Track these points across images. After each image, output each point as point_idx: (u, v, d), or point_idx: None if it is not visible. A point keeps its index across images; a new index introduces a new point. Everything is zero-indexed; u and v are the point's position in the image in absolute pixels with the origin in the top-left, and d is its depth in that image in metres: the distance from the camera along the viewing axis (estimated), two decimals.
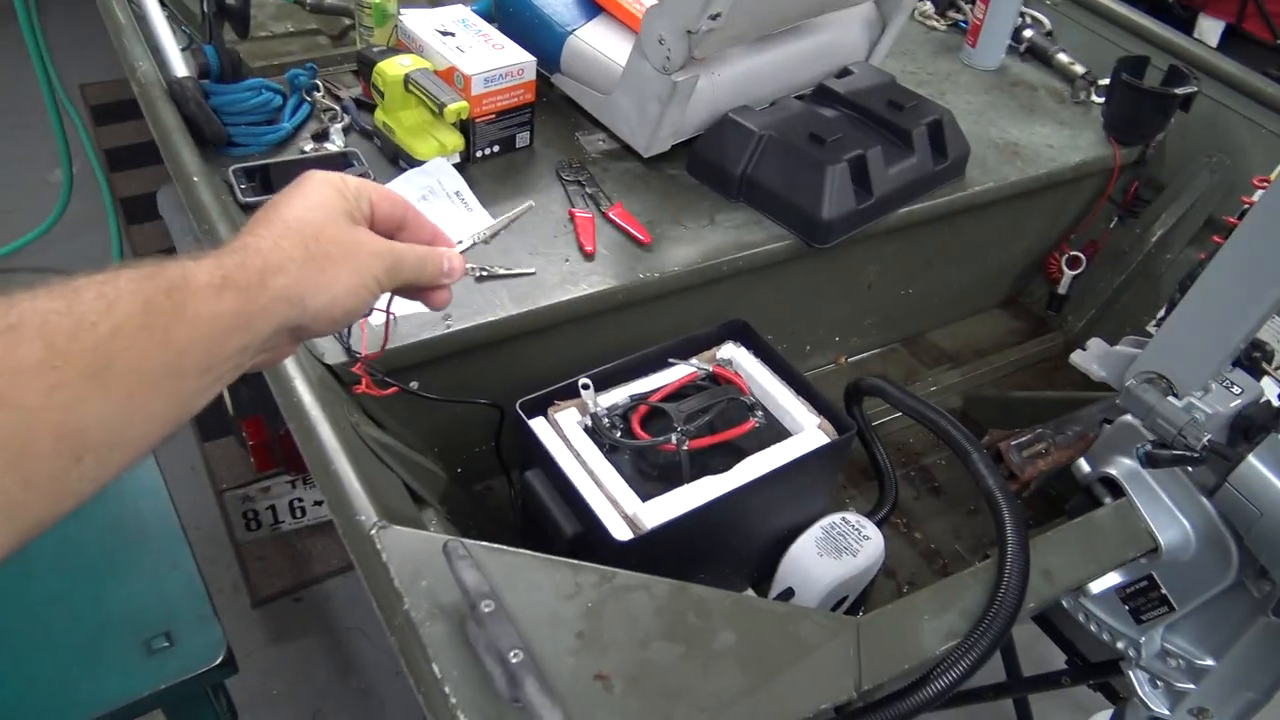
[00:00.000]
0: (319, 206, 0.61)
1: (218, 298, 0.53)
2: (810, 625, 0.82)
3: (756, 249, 1.33)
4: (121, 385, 0.46)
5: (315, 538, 2.06)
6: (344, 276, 0.61)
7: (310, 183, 0.63)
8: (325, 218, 0.61)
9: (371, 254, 0.63)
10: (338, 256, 0.60)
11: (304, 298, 0.58)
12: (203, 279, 0.52)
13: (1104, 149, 1.64)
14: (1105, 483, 1.07)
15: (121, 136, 3.12)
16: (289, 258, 0.58)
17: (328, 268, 0.60)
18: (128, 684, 1.16)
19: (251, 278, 0.55)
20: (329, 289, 0.60)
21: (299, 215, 0.60)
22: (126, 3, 1.47)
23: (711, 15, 1.20)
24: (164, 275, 0.50)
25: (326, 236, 0.60)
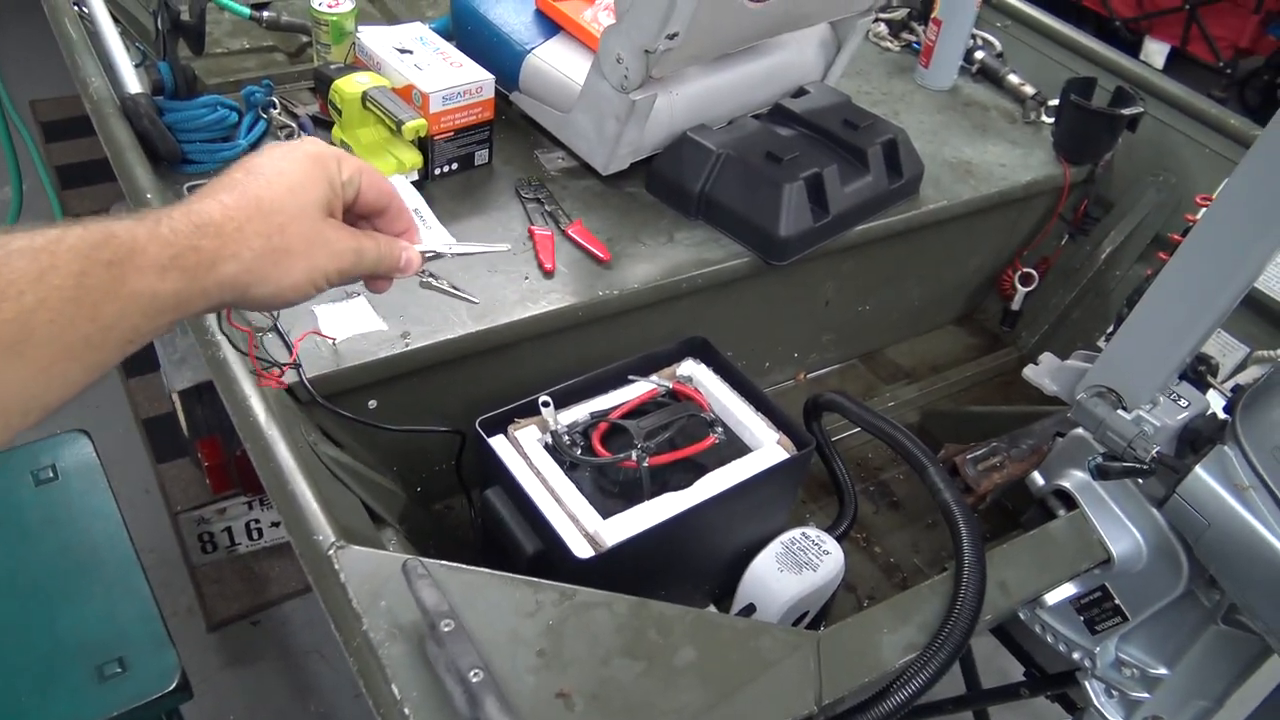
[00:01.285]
0: (298, 192, 0.60)
1: (160, 277, 0.52)
2: (771, 640, 0.82)
3: (715, 266, 1.34)
4: (39, 355, 0.46)
5: (273, 560, 2.03)
6: (296, 273, 0.60)
7: (300, 159, 0.61)
8: (300, 208, 0.60)
9: (331, 254, 0.62)
10: (298, 252, 0.60)
11: (250, 286, 0.58)
12: (151, 254, 0.51)
13: (1054, 168, 1.68)
14: (1058, 495, 1.09)
15: (73, 154, 3.07)
16: (247, 245, 0.57)
17: (283, 261, 0.59)
18: (80, 711, 1.14)
19: (202, 260, 0.54)
20: (277, 282, 0.59)
21: (275, 198, 0.59)
22: (79, 18, 1.46)
23: (669, 35, 1.21)
24: (109, 246, 0.49)
25: (293, 230, 0.59)
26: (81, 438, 1.45)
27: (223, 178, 0.59)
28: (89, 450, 1.44)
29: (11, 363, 0.44)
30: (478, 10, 1.51)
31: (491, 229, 1.34)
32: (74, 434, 1.46)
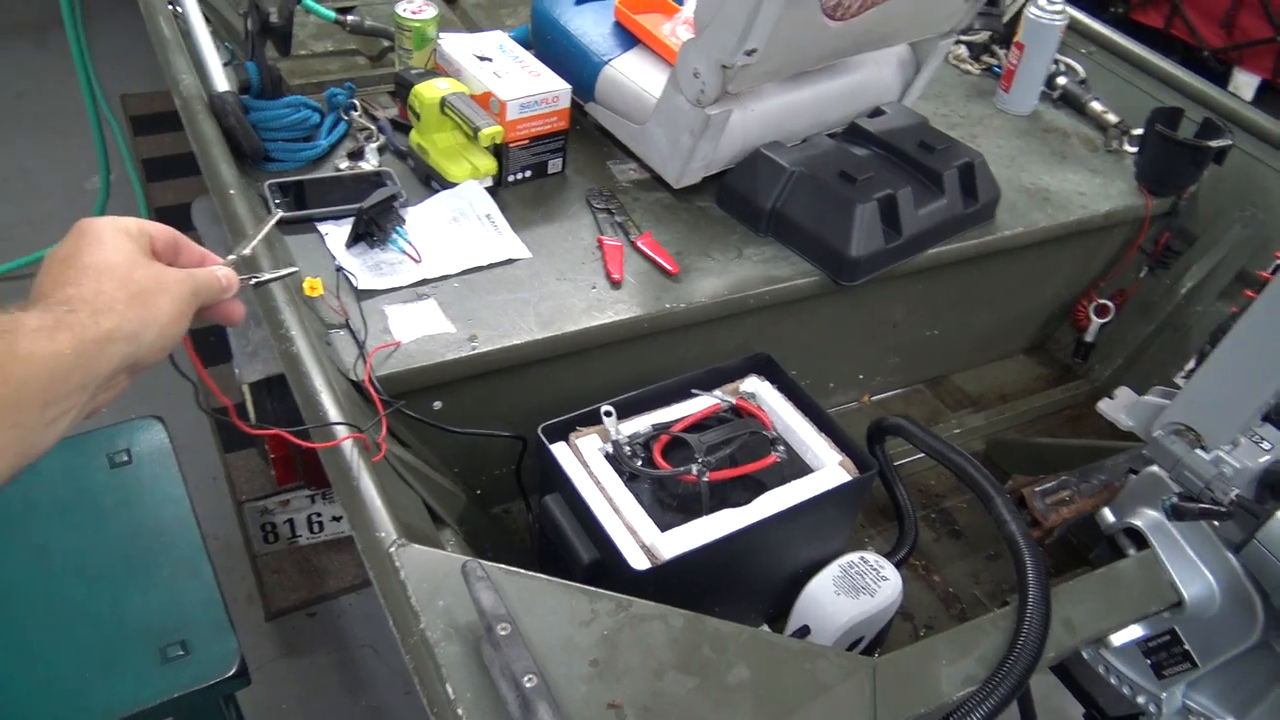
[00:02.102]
0: (118, 250, 0.64)
1: (51, 338, 0.56)
2: (827, 664, 0.81)
3: (783, 284, 1.34)
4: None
5: (331, 553, 2.06)
6: (165, 306, 0.65)
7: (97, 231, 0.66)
8: (128, 259, 0.65)
9: (177, 282, 0.67)
10: (154, 290, 0.64)
11: (137, 333, 0.62)
12: (33, 323, 0.56)
13: (1135, 198, 1.64)
14: (1129, 534, 1.06)
15: (159, 147, 3.16)
16: (114, 299, 0.61)
17: (149, 302, 0.64)
18: (142, 691, 1.16)
19: (84, 320, 0.59)
20: (156, 320, 0.64)
21: (106, 260, 0.63)
22: (172, 18, 1.50)
23: (747, 51, 1.21)
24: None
25: (138, 274, 0.64)
26: (155, 423, 1.49)
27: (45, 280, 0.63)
28: (162, 436, 1.47)
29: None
30: (558, 20, 1.53)
31: (561, 237, 1.35)
32: (149, 419, 1.50)
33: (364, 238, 1.24)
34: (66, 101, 3.17)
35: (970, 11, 1.48)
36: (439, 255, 1.25)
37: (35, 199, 2.95)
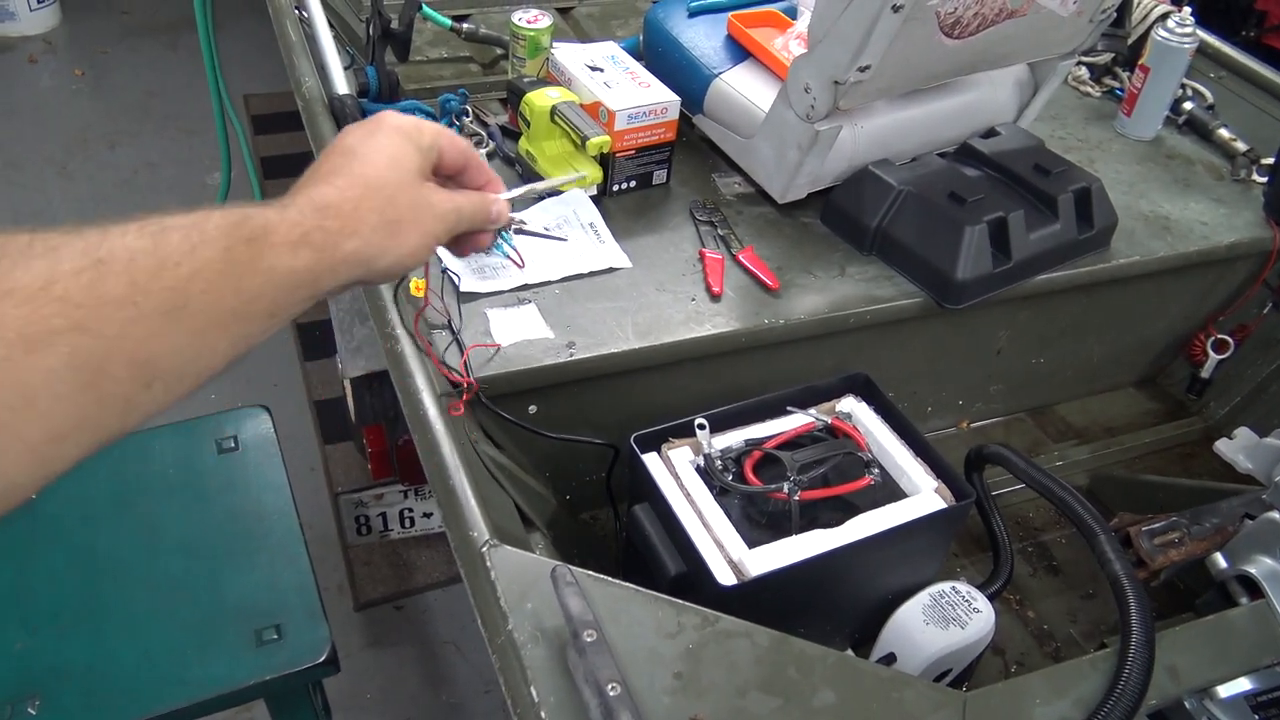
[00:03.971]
0: (395, 164, 0.64)
1: (293, 254, 0.56)
2: (915, 694, 0.80)
3: (885, 304, 1.32)
4: (193, 323, 0.49)
5: (421, 549, 2.10)
6: (412, 239, 0.64)
7: (387, 133, 0.65)
8: (400, 178, 0.64)
9: (436, 216, 0.67)
10: (409, 220, 0.64)
11: (373, 258, 0.61)
12: (283, 233, 0.56)
13: (1263, 230, 1.56)
14: (1242, 581, 1.02)
15: (277, 146, 3.28)
16: (364, 222, 0.61)
17: (398, 231, 0.63)
18: (235, 672, 1.20)
19: (328, 239, 0.58)
20: (396, 251, 0.63)
21: (378, 175, 0.63)
22: (299, 23, 1.56)
23: (860, 67, 1.19)
24: (248, 225, 0.54)
25: (401, 200, 0.63)
26: (262, 412, 1.54)
27: (324, 163, 0.63)
28: (268, 425, 1.52)
29: (171, 328, 0.48)
30: (669, 32, 1.54)
31: (663, 248, 1.35)
32: (256, 408, 1.55)
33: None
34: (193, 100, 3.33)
35: (1094, 32, 1.43)
36: (541, 262, 1.27)
37: (158, 193, 3.10)
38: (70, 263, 0.44)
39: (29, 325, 0.42)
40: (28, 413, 0.42)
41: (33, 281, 0.43)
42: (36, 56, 3.71)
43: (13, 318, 0.41)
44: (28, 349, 0.42)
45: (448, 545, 0.86)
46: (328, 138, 1.32)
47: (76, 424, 0.44)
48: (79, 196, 3.07)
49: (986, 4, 1.22)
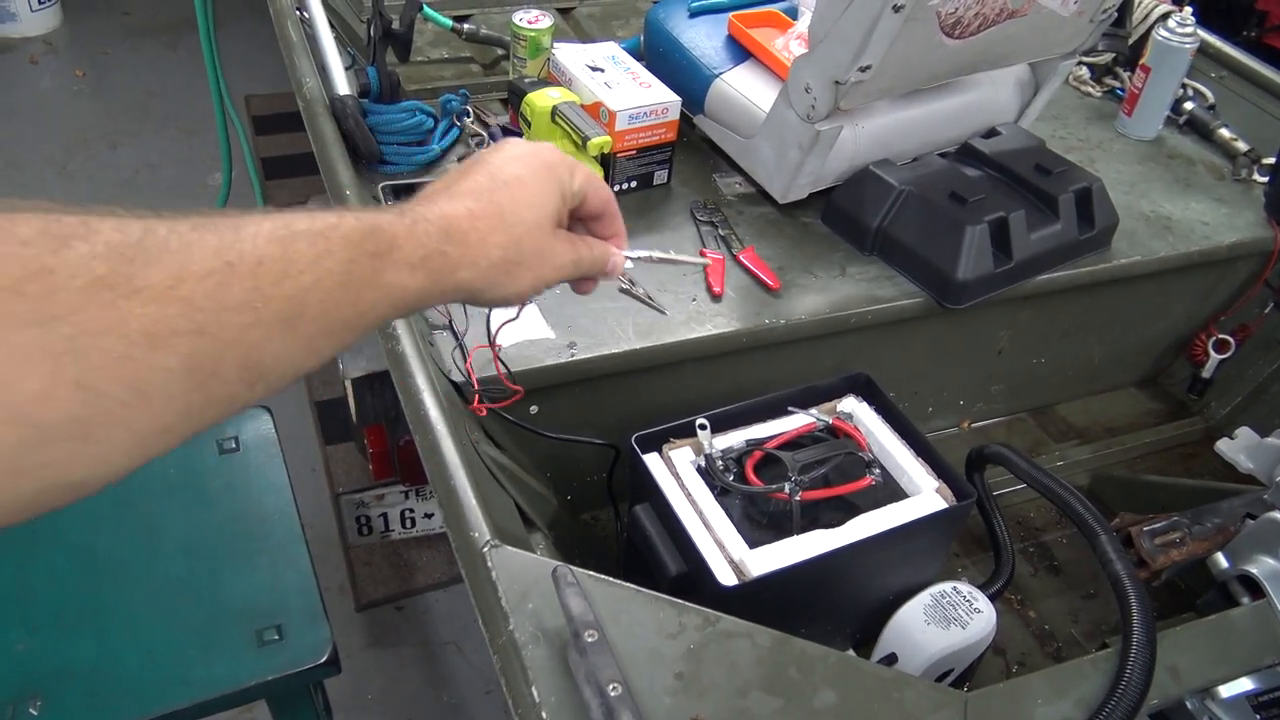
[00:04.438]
0: (534, 206, 0.64)
1: (411, 274, 0.56)
2: (916, 694, 0.79)
3: (886, 304, 1.32)
4: (306, 330, 0.50)
5: (421, 549, 2.10)
6: (524, 282, 0.64)
7: (540, 169, 0.65)
8: (535, 221, 0.64)
9: (554, 266, 0.67)
10: (528, 265, 0.64)
11: (481, 291, 0.62)
12: (406, 252, 0.56)
13: (1263, 230, 1.56)
14: (1243, 581, 1.01)
15: (278, 147, 3.28)
16: (485, 255, 0.61)
17: (514, 272, 0.63)
18: (237, 672, 1.20)
19: (446, 264, 0.58)
20: (505, 289, 0.63)
21: (515, 213, 0.63)
22: (300, 23, 1.56)
23: (861, 67, 1.19)
24: (375, 239, 0.54)
25: (527, 244, 0.63)
26: (263, 413, 1.54)
27: (467, 178, 0.63)
28: (269, 426, 1.52)
29: (284, 334, 0.49)
30: (670, 32, 1.54)
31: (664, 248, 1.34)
32: (257, 409, 1.55)
33: None
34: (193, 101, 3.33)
35: (1095, 32, 1.43)
36: None
37: (159, 194, 3.10)
38: (200, 264, 0.45)
39: (154, 324, 0.42)
40: (141, 407, 0.43)
41: (162, 280, 0.43)
42: (37, 57, 3.71)
43: (139, 316, 0.42)
44: (150, 347, 0.42)
45: (449, 546, 0.86)
46: (327, 137, 1.32)
47: (182, 419, 0.45)
48: (80, 197, 3.06)
49: (987, 4, 1.22)
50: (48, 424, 0.39)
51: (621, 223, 0.74)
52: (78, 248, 0.41)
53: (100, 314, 0.41)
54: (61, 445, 0.40)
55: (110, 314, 0.41)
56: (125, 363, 0.41)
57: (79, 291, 0.40)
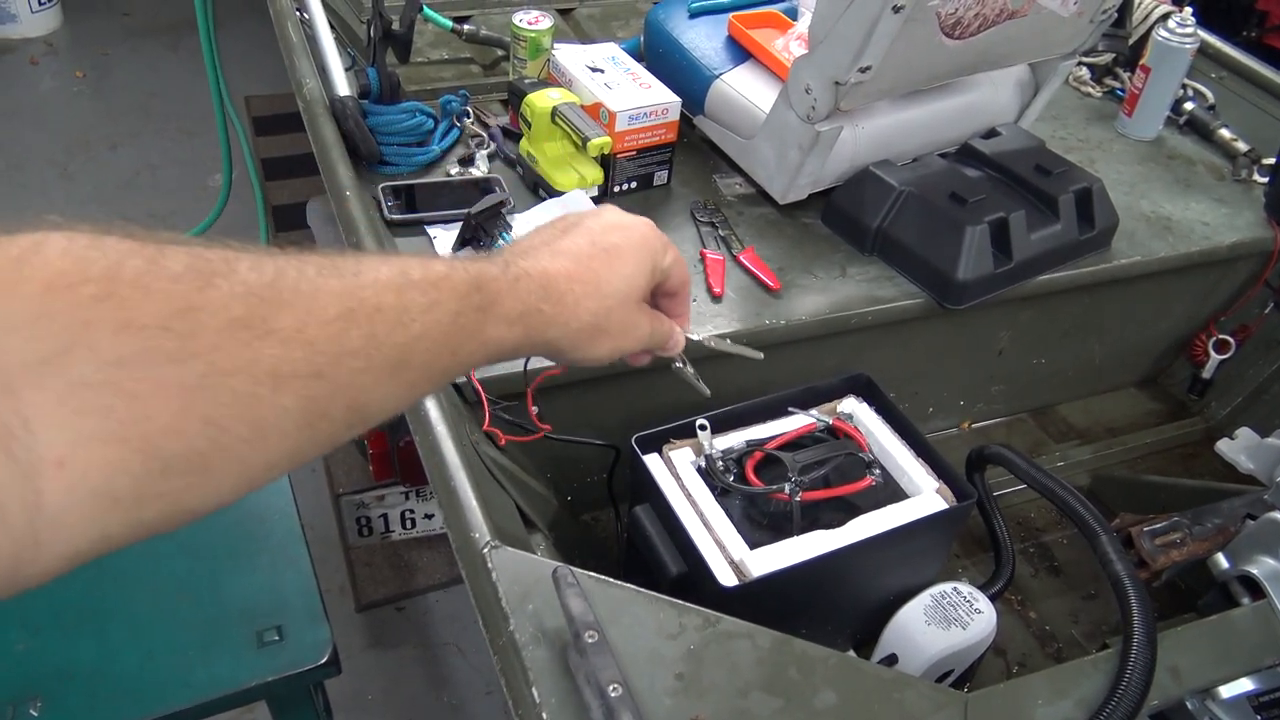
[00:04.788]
0: (628, 280, 0.67)
1: (509, 329, 0.59)
2: (916, 694, 0.79)
3: (887, 305, 1.32)
4: (409, 376, 0.52)
5: (422, 550, 2.10)
6: (604, 349, 0.67)
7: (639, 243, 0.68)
8: (627, 294, 0.67)
9: (636, 339, 0.69)
10: (612, 333, 0.67)
11: (564, 351, 0.65)
12: (506, 307, 0.58)
13: (1264, 231, 1.56)
14: (1244, 581, 1.01)
15: (278, 148, 3.28)
16: (576, 318, 0.63)
17: (598, 338, 0.66)
18: (238, 673, 1.20)
19: (539, 323, 0.61)
20: (586, 353, 0.66)
21: (610, 283, 0.65)
22: (300, 24, 1.56)
23: (861, 68, 1.19)
24: (481, 293, 0.56)
25: (615, 315, 0.66)
26: None
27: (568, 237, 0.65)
28: None
29: (389, 380, 0.50)
30: (670, 33, 1.54)
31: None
32: None
33: (471, 242, 1.27)
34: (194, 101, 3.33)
35: (1094, 33, 1.43)
36: None
37: (160, 195, 3.10)
38: (324, 309, 0.46)
39: (280, 365, 0.44)
40: (258, 444, 0.44)
41: (291, 323, 0.45)
42: (38, 58, 3.71)
43: (268, 357, 0.43)
44: (273, 388, 0.44)
45: (449, 546, 0.86)
46: (328, 139, 1.32)
47: (289, 457, 0.46)
48: (81, 198, 3.07)
49: (987, 4, 1.22)
50: (172, 455, 0.40)
51: (689, 303, 0.77)
52: (220, 286, 0.42)
53: (235, 353, 0.42)
54: (182, 477, 0.41)
55: (244, 354, 0.42)
56: (250, 401, 0.43)
57: (218, 331, 0.41)
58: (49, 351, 0.37)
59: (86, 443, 0.38)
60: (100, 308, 0.38)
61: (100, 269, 0.39)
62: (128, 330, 0.39)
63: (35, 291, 0.37)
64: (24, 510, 0.36)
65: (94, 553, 0.40)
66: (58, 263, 0.38)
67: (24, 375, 0.36)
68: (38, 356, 0.37)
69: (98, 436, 0.38)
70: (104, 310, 0.38)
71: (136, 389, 0.39)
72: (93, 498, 0.38)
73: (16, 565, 0.37)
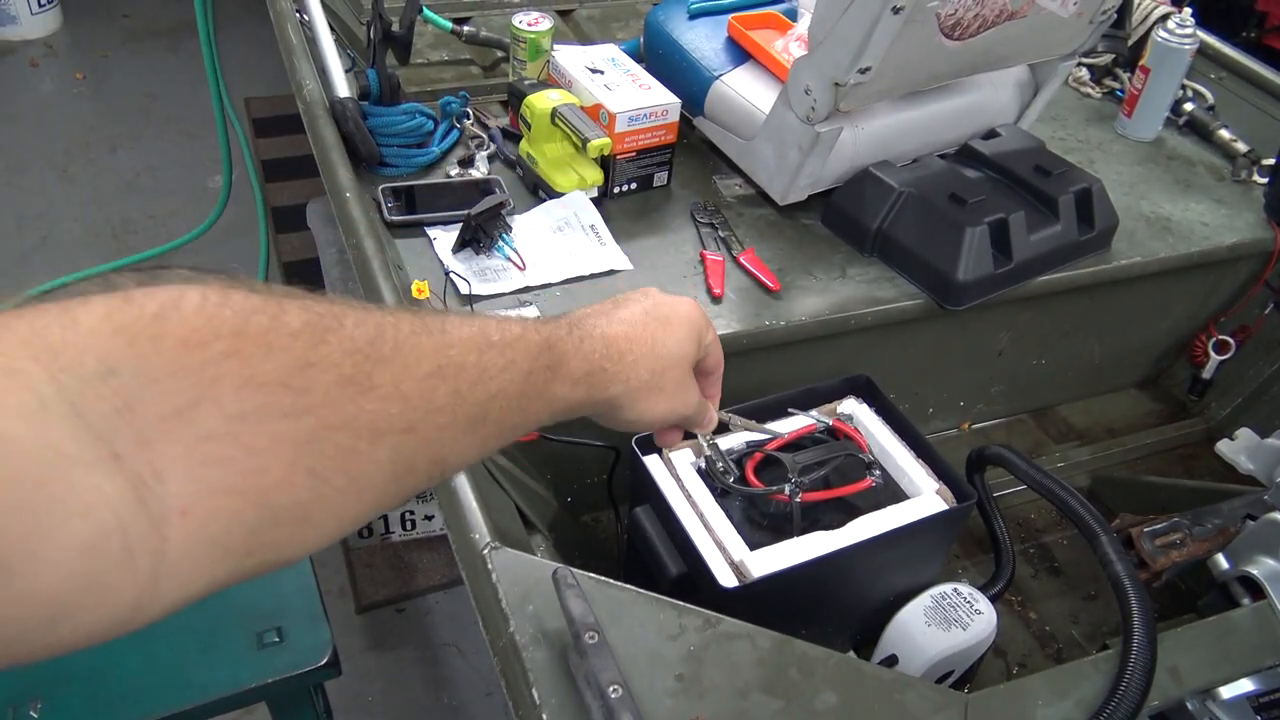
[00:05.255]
0: (680, 345, 0.71)
1: (574, 388, 0.62)
2: (917, 695, 0.79)
3: (887, 306, 1.32)
4: (485, 432, 0.54)
5: (422, 551, 2.10)
6: (660, 408, 0.70)
7: (686, 317, 0.72)
8: (680, 357, 0.71)
9: (686, 404, 0.74)
10: (667, 394, 0.70)
11: (622, 409, 0.68)
12: (572, 367, 0.62)
13: (1264, 231, 1.56)
14: (1244, 582, 1.01)
15: (278, 149, 3.28)
16: (636, 375, 0.67)
17: (654, 398, 0.69)
18: (238, 674, 1.20)
19: (603, 380, 0.65)
20: (641, 413, 0.69)
21: (665, 347, 0.70)
22: (300, 26, 1.56)
23: (861, 69, 1.19)
24: (550, 353, 0.60)
25: (669, 375, 0.70)
26: None
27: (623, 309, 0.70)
28: None
29: (467, 435, 0.53)
30: (670, 34, 1.54)
31: (664, 250, 1.35)
32: None
33: (471, 244, 1.27)
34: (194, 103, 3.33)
35: (1094, 34, 1.43)
36: (543, 264, 1.27)
37: (160, 196, 3.10)
38: (419, 367, 0.49)
39: (377, 420, 0.46)
40: (353, 496, 0.46)
41: (390, 380, 0.47)
42: (38, 60, 3.72)
43: (369, 412, 0.45)
44: (371, 442, 0.46)
45: (449, 547, 0.86)
46: (328, 140, 1.32)
47: (375, 507, 0.48)
48: (81, 200, 3.07)
49: (987, 5, 1.22)
50: (281, 506, 0.42)
51: (720, 385, 0.82)
52: (332, 343, 0.44)
53: (341, 409, 0.44)
54: (286, 528, 0.43)
55: (349, 409, 0.44)
56: (351, 455, 0.45)
57: (328, 387, 0.44)
58: (182, 405, 0.38)
59: (209, 494, 0.39)
60: (227, 364, 0.40)
61: (230, 327, 0.40)
62: (249, 386, 0.40)
63: (172, 347, 0.39)
64: (150, 557, 0.38)
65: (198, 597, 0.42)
66: (193, 319, 0.40)
67: (159, 427, 0.38)
68: (172, 409, 0.38)
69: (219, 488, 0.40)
70: (230, 366, 0.40)
71: (254, 443, 0.41)
72: (210, 547, 0.40)
73: (136, 610, 0.39)
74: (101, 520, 0.36)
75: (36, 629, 0.36)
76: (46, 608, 0.35)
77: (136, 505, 0.37)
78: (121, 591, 0.37)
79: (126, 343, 0.38)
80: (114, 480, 0.36)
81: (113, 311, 0.38)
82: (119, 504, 0.36)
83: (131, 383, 0.37)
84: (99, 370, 0.37)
